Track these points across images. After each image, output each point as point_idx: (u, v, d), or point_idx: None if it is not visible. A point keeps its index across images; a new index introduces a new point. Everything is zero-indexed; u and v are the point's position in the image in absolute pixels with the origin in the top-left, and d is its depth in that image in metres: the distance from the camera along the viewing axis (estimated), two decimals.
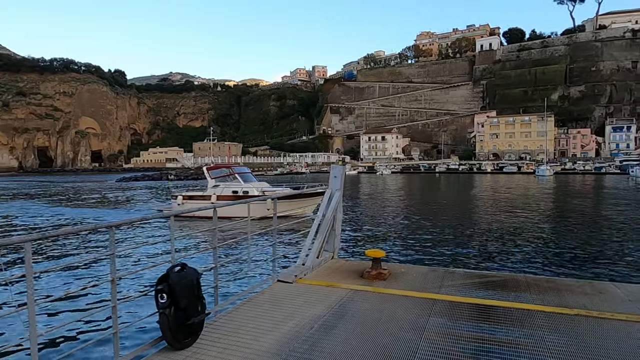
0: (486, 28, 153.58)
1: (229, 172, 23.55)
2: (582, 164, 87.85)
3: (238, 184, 22.45)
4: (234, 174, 23.17)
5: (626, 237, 16.77)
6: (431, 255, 13.61)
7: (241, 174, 23.58)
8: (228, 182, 22.75)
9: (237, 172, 23.50)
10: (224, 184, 22.60)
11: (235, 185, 22.46)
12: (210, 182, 22.86)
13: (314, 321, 4.05)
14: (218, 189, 22.28)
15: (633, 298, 4.55)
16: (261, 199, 20.59)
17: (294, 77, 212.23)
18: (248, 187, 22.23)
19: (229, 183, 22.69)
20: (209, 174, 23.31)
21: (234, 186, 22.35)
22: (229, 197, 21.47)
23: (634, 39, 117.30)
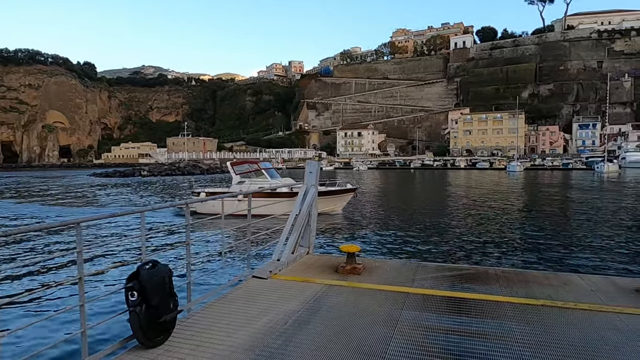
0: (460, 26, 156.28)
1: (254, 168, 22.39)
2: (550, 160, 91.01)
3: (265, 180, 21.30)
4: (260, 170, 22.06)
5: (590, 230, 17.47)
6: (405, 250, 13.82)
7: (267, 169, 22.57)
8: (253, 178, 21.61)
9: (264, 168, 22.43)
10: (249, 180, 21.45)
11: (261, 181, 21.31)
12: (235, 178, 21.57)
13: (289, 316, 4.05)
14: (244, 185, 21.16)
15: (595, 288, 4.74)
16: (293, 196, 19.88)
17: (270, 72, 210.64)
18: (276, 183, 21.11)
19: (254, 179, 21.52)
20: (233, 170, 21.90)
21: (260, 182, 21.19)
22: (256, 194, 20.41)
23: (599, 40, 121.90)
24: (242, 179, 21.41)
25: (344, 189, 21.43)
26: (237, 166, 22.38)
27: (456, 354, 3.28)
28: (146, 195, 36.28)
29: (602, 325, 3.75)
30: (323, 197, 20.43)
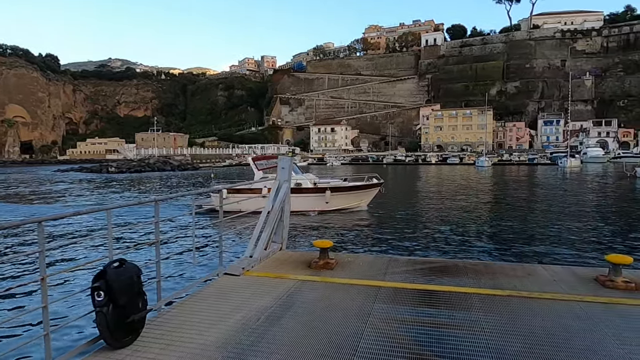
0: (431, 24, 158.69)
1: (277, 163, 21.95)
2: (517, 155, 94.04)
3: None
4: None
5: (553, 222, 18.19)
6: (377, 244, 14.00)
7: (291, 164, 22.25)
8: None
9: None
10: (272, 176, 21.00)
11: None
12: (257, 174, 20.54)
13: (261, 312, 4.04)
14: (268, 181, 20.66)
15: (557, 278, 4.95)
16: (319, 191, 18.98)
17: (242, 66, 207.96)
18: (300, 178, 20.34)
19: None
20: (255, 165, 20.95)
21: None
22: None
23: (562, 39, 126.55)
24: (265, 174, 20.47)
25: (369, 184, 21.25)
26: (259, 161, 21.50)
27: (426, 345, 3.36)
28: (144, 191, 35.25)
29: (563, 313, 3.92)
30: (347, 193, 20.38)
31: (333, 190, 19.80)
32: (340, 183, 21.00)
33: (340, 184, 20.85)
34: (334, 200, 19.79)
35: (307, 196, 19.72)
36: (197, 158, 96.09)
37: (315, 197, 19.69)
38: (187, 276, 9.30)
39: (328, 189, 19.67)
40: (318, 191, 19.83)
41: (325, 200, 19.50)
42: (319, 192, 19.75)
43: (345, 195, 20.31)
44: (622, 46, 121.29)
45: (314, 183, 20.39)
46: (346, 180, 21.84)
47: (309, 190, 19.91)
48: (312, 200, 19.79)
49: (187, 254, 11.00)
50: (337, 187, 20.29)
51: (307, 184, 20.29)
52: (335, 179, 22.09)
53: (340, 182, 21.22)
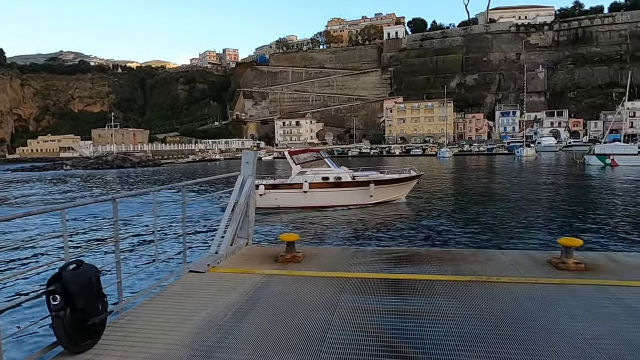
0: (392, 17, 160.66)
1: (316, 157, 20.87)
2: (477, 145, 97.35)
3: (328, 170, 19.90)
4: (322, 159, 20.67)
5: (512, 209, 19.00)
6: (343, 236, 14.14)
7: (327, 158, 21.22)
8: (315, 168, 20.12)
9: (325, 157, 21.06)
10: (311, 170, 19.92)
11: (324, 170, 19.83)
12: (295, 168, 19.84)
13: (228, 309, 3.99)
14: (308, 175, 19.57)
15: (514, 262, 5.18)
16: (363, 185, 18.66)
17: (203, 59, 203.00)
18: (340, 172, 19.90)
19: (316, 169, 19.93)
20: (292, 159, 20.06)
21: (323, 172, 19.69)
22: (320, 185, 19.32)
23: (517, 33, 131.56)
24: (303, 168, 19.87)
25: (408, 177, 21.01)
26: (297, 155, 20.60)
27: (392, 332, 3.44)
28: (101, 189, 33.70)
29: (520, 296, 4.11)
30: (386, 186, 19.96)
31: (377, 184, 19.47)
32: (380, 176, 20.60)
33: (381, 176, 20.46)
34: (377, 193, 19.49)
35: (351, 190, 19.40)
36: (159, 154, 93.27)
37: (359, 190, 19.35)
38: (151, 275, 9.06)
39: (372, 182, 19.35)
40: (361, 185, 19.51)
41: (369, 194, 19.18)
42: (363, 185, 19.43)
43: (389, 188, 20.05)
44: (572, 40, 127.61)
45: (352, 177, 19.97)
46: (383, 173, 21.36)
47: (352, 184, 19.55)
48: (357, 194, 19.46)
49: (149, 252, 10.70)
50: (381, 180, 20.00)
51: (347, 177, 19.80)
52: (372, 172, 21.58)
53: (379, 175, 20.78)
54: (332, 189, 19.18)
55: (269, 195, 19.28)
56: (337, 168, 20.19)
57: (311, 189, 18.89)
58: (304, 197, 18.95)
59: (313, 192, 18.93)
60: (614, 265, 4.93)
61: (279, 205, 19.19)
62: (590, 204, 20.53)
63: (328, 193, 19.11)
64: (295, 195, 19.07)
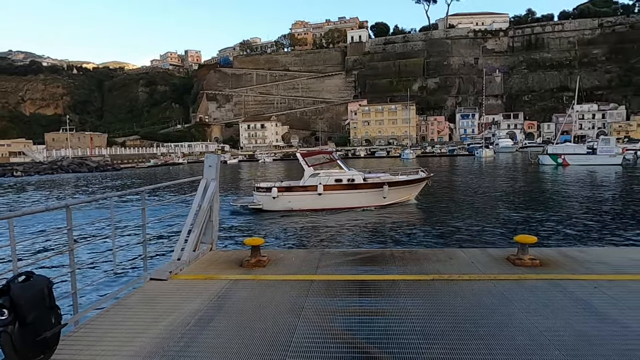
0: (356, 21, 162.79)
1: (328, 159, 20.81)
2: (439, 147, 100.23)
3: (341, 172, 19.95)
4: (334, 161, 20.61)
5: (472, 208, 19.63)
6: (309, 238, 14.14)
7: (340, 159, 21.21)
8: (327, 170, 20.10)
9: (338, 159, 21.03)
10: (324, 172, 19.85)
11: (337, 172, 19.92)
12: (308, 170, 19.85)
13: (191, 317, 3.89)
14: (322, 177, 19.51)
15: (474, 260, 5.35)
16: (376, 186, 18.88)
17: (164, 61, 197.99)
18: (354, 174, 20.02)
19: (329, 170, 20.01)
20: (305, 161, 20.08)
21: (336, 174, 19.78)
22: (334, 187, 19.33)
23: (475, 39, 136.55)
24: (315, 170, 19.86)
25: (418, 178, 21.30)
26: (309, 157, 20.59)
27: (357, 333, 3.46)
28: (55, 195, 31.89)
29: (480, 292, 4.25)
30: (399, 187, 20.18)
31: (390, 185, 19.71)
32: (391, 177, 20.80)
33: (393, 178, 20.65)
34: (391, 194, 19.75)
35: (365, 192, 19.56)
36: (118, 158, 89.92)
37: (373, 192, 19.52)
38: (109, 285, 8.70)
39: (386, 184, 19.58)
40: (375, 186, 19.70)
41: (383, 195, 19.41)
42: (377, 187, 19.61)
43: (401, 189, 20.35)
44: (526, 46, 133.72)
45: (363, 178, 20.14)
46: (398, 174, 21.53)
47: (366, 186, 19.72)
48: (371, 196, 19.64)
49: (108, 261, 10.27)
50: (394, 181, 20.26)
51: (360, 179, 19.91)
52: (381, 174, 21.77)
53: (390, 176, 20.96)
54: (346, 191, 19.44)
55: (282, 198, 19.36)
56: (349, 170, 20.40)
57: (325, 191, 19.10)
58: (318, 200, 19.12)
59: (327, 194, 19.14)
60: (565, 261, 5.18)
61: (292, 207, 19.33)
62: (544, 201, 21.56)
63: (342, 195, 19.38)
64: (309, 197, 19.21)
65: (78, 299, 4.11)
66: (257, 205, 19.66)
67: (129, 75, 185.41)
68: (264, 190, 19.78)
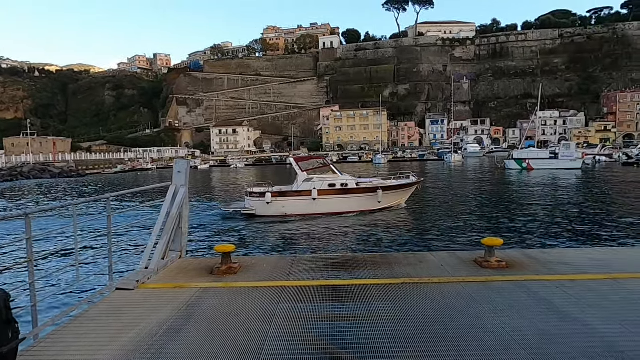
0: (327, 27, 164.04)
1: (322, 164, 21.05)
2: (409, 152, 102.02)
3: (334, 176, 20.10)
4: (328, 165, 20.81)
5: (442, 212, 20.04)
6: (281, 245, 14.06)
7: (333, 164, 21.39)
8: (321, 175, 20.15)
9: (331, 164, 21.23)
10: (317, 177, 19.85)
11: (330, 177, 20.02)
12: (301, 175, 19.89)
13: (159, 327, 3.78)
14: (315, 182, 19.48)
15: (444, 263, 5.45)
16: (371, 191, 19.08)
17: (132, 64, 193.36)
18: (347, 179, 20.19)
19: (322, 175, 20.11)
20: (298, 166, 20.21)
21: (329, 179, 19.87)
22: (328, 192, 19.33)
23: (443, 47, 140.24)
24: (309, 175, 19.94)
25: (409, 183, 21.61)
26: (303, 162, 20.82)
27: (329, 338, 3.45)
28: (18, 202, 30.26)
29: (449, 294, 4.33)
30: (392, 192, 20.46)
31: (384, 190, 19.99)
32: (383, 182, 21.06)
33: (385, 182, 20.94)
34: (384, 199, 20.02)
35: (359, 196, 19.78)
36: (83, 164, 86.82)
37: (367, 197, 19.75)
38: (72, 296, 8.36)
39: (380, 188, 19.83)
40: (370, 191, 19.91)
41: (377, 200, 19.66)
42: (371, 191, 19.83)
43: (394, 193, 20.67)
44: (491, 54, 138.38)
45: (356, 183, 20.31)
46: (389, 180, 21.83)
47: (361, 191, 19.91)
48: (365, 200, 19.82)
49: (71, 271, 9.87)
50: (388, 186, 20.57)
51: (352, 183, 20.06)
52: (371, 179, 22.05)
53: (382, 181, 21.25)
54: (341, 196, 19.66)
55: (276, 203, 19.34)
56: (342, 175, 20.63)
57: (320, 196, 19.26)
58: (312, 205, 19.23)
59: (321, 199, 19.28)
60: (530, 262, 5.36)
61: (286, 213, 19.36)
62: (511, 205, 22.26)
63: (336, 200, 19.57)
64: (303, 202, 19.27)
65: (38, 312, 3.92)
66: (250, 210, 19.65)
67: (94, 79, 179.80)
68: (257, 195, 19.76)
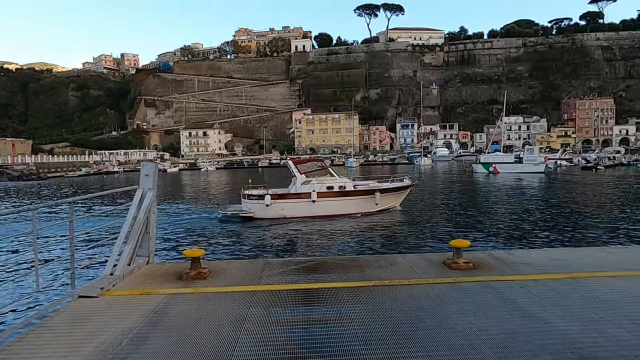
0: (300, 31, 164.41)
1: (320, 166, 20.93)
2: (381, 156, 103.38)
3: (332, 179, 20.24)
4: (326, 168, 20.81)
5: (412, 215, 20.37)
6: (253, 248, 13.93)
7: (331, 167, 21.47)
8: (319, 177, 20.08)
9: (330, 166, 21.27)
10: (316, 180, 19.75)
11: (328, 180, 20.11)
12: (300, 178, 19.85)
13: (125, 335, 3.66)
14: (314, 185, 19.44)
15: (414, 265, 5.53)
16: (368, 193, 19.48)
17: (98, 64, 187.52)
18: (344, 182, 20.44)
19: (321, 178, 20.16)
20: (297, 169, 20.17)
21: (328, 181, 19.96)
22: (327, 194, 19.41)
23: (413, 52, 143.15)
24: (307, 178, 19.88)
25: (404, 185, 21.93)
26: (302, 165, 20.78)
27: (300, 343, 3.43)
28: None
29: (418, 296, 4.39)
30: (389, 194, 20.76)
31: (382, 192, 20.29)
32: (379, 185, 21.25)
33: (381, 185, 21.14)
34: (381, 201, 20.30)
35: (358, 199, 20.02)
36: (45, 167, 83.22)
37: (365, 199, 19.98)
38: (31, 305, 7.97)
39: (377, 191, 20.11)
40: (368, 193, 20.17)
41: (375, 202, 19.93)
42: (369, 194, 20.10)
43: (391, 196, 20.98)
44: (459, 61, 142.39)
45: (353, 186, 20.56)
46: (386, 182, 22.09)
47: (359, 193, 20.18)
48: (363, 203, 20.06)
49: (29, 279, 9.41)
50: (385, 188, 20.86)
51: (350, 186, 20.30)
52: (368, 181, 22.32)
53: (378, 184, 21.42)
54: (340, 198, 19.90)
55: (275, 205, 19.38)
56: (339, 177, 20.92)
57: (319, 199, 19.43)
58: (312, 207, 19.39)
59: (320, 201, 19.47)
60: (496, 263, 5.51)
61: (285, 215, 19.42)
62: (478, 207, 22.89)
63: (335, 202, 19.82)
64: (302, 205, 19.43)
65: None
66: (248, 213, 19.59)
67: (57, 78, 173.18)
68: (256, 197, 19.76)
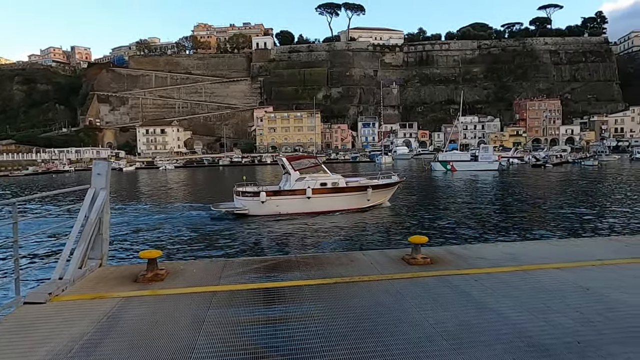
0: (261, 27, 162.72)
1: (313, 163, 21.05)
2: (342, 154, 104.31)
3: (325, 176, 20.60)
4: (319, 165, 20.90)
5: (373, 212, 20.70)
6: (213, 248, 13.69)
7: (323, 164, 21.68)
8: (313, 174, 20.57)
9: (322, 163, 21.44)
10: (309, 176, 19.80)
11: (322, 176, 20.46)
12: (294, 175, 20.16)
13: (74, 342, 3.48)
14: (309, 181, 19.46)
15: (374, 262, 5.62)
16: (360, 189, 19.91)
17: (45, 57, 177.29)
18: (337, 178, 20.83)
19: (314, 175, 20.49)
20: (291, 165, 20.39)
21: (321, 178, 20.31)
22: (322, 190, 19.93)
23: (374, 52, 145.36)
24: (301, 175, 20.08)
25: (392, 182, 22.38)
26: (295, 162, 21.24)
27: (261, 342, 3.40)
28: None
29: (378, 292, 4.47)
30: (380, 190, 21.12)
31: (374, 188, 20.66)
32: (369, 181, 21.58)
33: (372, 182, 21.44)
34: (373, 197, 20.65)
35: (351, 195, 20.37)
36: None
37: (358, 195, 20.33)
38: None
39: (370, 187, 20.51)
40: (360, 189, 20.51)
41: (367, 198, 20.33)
42: (361, 190, 20.45)
43: (381, 192, 21.28)
44: (418, 62, 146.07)
45: (345, 182, 20.87)
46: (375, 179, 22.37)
47: (353, 189, 20.53)
48: (355, 199, 20.38)
49: None
50: (376, 184, 21.20)
51: (342, 182, 20.57)
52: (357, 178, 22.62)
53: (368, 180, 21.78)
54: (333, 194, 20.23)
55: (270, 202, 19.49)
56: (332, 174, 21.32)
57: (314, 195, 19.69)
58: (307, 203, 19.61)
59: (315, 197, 19.73)
60: (452, 258, 5.70)
61: (280, 212, 19.54)
62: (436, 204, 23.60)
63: (329, 198, 20.13)
64: (297, 201, 19.63)
65: None
66: (242, 210, 19.60)
67: (0, 71, 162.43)
68: (251, 194, 19.85)
